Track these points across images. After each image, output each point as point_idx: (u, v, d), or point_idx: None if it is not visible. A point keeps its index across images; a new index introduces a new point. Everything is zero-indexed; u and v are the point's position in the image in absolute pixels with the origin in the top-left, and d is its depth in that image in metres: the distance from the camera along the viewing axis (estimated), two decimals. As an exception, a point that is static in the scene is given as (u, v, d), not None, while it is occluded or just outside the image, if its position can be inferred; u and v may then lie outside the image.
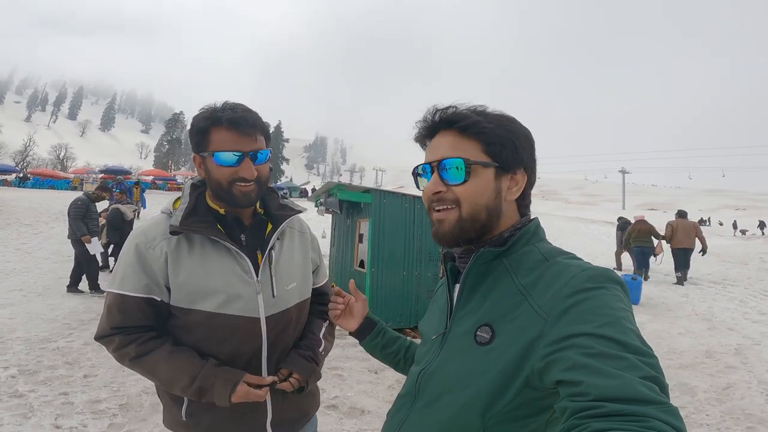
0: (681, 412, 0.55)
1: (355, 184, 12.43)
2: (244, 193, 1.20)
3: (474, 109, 0.86)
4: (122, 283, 1.19)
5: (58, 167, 68.28)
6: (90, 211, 7.35)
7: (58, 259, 9.61)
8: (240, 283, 1.21)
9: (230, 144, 1.17)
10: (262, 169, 1.23)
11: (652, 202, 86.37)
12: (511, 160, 0.83)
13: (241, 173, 1.18)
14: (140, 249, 1.19)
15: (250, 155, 1.18)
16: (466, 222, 0.83)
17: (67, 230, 7.33)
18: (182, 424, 1.26)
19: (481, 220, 0.83)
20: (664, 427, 0.51)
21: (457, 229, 0.83)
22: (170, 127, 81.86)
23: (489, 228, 0.84)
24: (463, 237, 0.84)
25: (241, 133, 1.17)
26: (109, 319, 1.20)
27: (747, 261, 12.73)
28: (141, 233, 1.22)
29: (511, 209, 0.87)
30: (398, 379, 4.12)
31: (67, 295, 6.82)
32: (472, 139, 0.83)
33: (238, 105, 1.21)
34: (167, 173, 53.65)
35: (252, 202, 1.23)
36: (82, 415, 3.18)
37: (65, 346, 4.59)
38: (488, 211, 0.83)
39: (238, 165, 1.18)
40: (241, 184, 1.19)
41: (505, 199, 0.84)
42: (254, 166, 1.19)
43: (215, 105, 1.21)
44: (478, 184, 0.82)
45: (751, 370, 4.63)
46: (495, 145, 0.82)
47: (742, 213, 66.51)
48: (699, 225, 10.64)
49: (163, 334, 1.22)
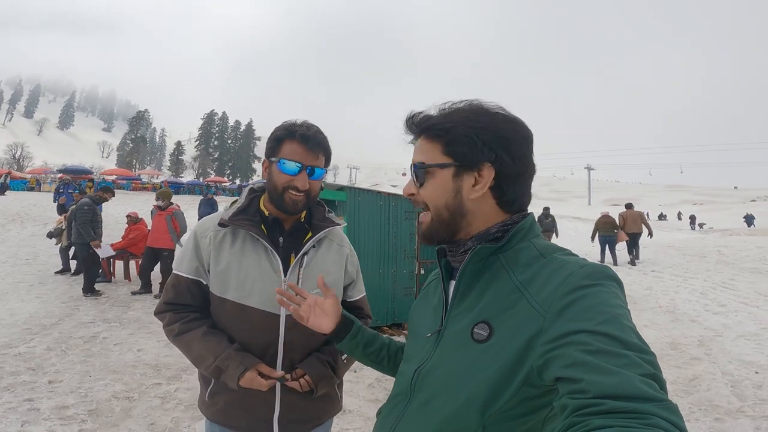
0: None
1: (329, 181, 12.33)
2: (294, 201, 1.33)
3: (446, 108, 0.85)
4: (179, 265, 1.39)
5: (14, 167, 65.12)
6: (96, 214, 7.43)
7: (15, 262, 9.17)
8: (268, 280, 1.33)
9: (296, 155, 1.31)
10: (314, 184, 1.36)
11: (616, 197, 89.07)
12: (470, 157, 0.81)
13: (295, 182, 1.31)
14: (196, 236, 1.39)
15: (308, 169, 1.32)
16: (435, 222, 0.85)
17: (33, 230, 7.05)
18: (205, 404, 1.41)
19: (445, 219, 0.84)
20: (664, 424, 0.51)
21: (431, 230, 0.86)
22: (134, 125, 79.29)
23: (456, 227, 0.84)
24: (436, 237, 0.87)
25: (308, 148, 1.32)
26: (165, 295, 1.39)
27: (705, 254, 13.31)
28: (200, 224, 1.42)
29: (485, 206, 0.84)
30: (378, 377, 4.11)
31: (26, 299, 6.51)
32: (435, 141, 0.84)
33: (313, 125, 1.37)
34: (131, 172, 52.04)
35: (298, 210, 1.36)
36: (50, 422, 3.06)
37: (27, 351, 4.38)
38: (449, 211, 0.83)
39: (296, 175, 1.31)
40: (293, 193, 1.32)
41: (468, 197, 0.82)
42: (309, 180, 1.33)
43: (296, 121, 1.37)
44: (436, 186, 0.84)
45: (714, 362, 4.82)
46: (453, 145, 0.82)
47: (700, 207, 69.57)
48: (643, 214, 13.07)
49: (206, 317, 1.38)
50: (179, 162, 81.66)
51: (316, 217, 1.46)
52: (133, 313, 6.16)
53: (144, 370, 4.09)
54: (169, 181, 40.99)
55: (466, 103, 0.86)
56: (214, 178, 57.59)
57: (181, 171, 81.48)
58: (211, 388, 1.37)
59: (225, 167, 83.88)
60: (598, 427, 0.52)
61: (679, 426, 0.52)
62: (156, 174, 61.82)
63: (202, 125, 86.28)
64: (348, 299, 1.54)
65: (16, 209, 17.07)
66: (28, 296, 6.69)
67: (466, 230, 0.85)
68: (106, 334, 5.13)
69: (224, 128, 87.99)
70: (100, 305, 6.46)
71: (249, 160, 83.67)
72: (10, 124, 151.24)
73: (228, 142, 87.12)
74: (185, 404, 3.45)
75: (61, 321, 5.53)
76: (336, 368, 1.40)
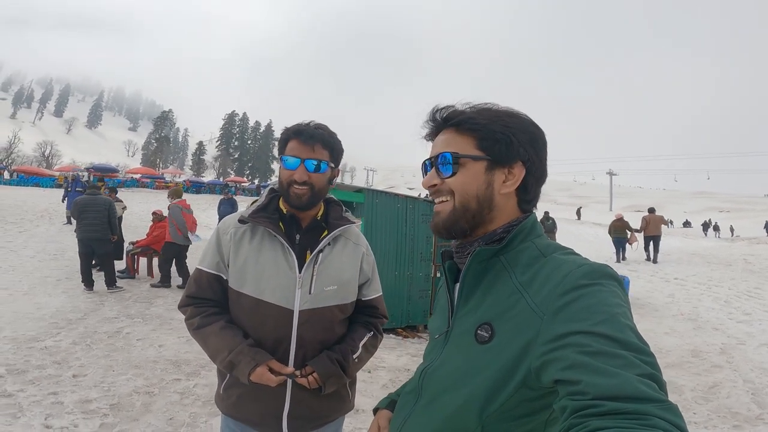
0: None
1: (347, 183, 12.42)
2: (298, 195, 1.38)
3: (475, 106, 0.88)
4: (202, 260, 1.45)
5: (43, 164, 67.16)
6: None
7: (43, 257, 9.46)
8: (282, 276, 1.37)
9: (294, 150, 1.38)
10: (317, 177, 1.39)
11: (638, 204, 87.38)
12: (505, 154, 0.83)
13: (294, 176, 1.37)
14: (219, 233, 1.44)
15: (306, 162, 1.36)
16: (458, 212, 0.85)
17: (53, 228, 7.27)
18: (220, 397, 1.45)
19: (472, 209, 0.85)
20: (664, 424, 0.51)
21: (451, 220, 0.86)
22: (158, 125, 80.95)
23: (481, 219, 0.85)
24: (456, 227, 0.86)
25: (302, 140, 1.37)
26: (188, 289, 1.45)
27: (731, 262, 12.95)
28: (223, 221, 1.48)
29: (509, 203, 0.86)
30: (392, 378, 4.14)
31: (53, 293, 6.72)
32: (467, 135, 0.85)
33: (315, 123, 1.43)
34: (155, 171, 53.12)
35: (303, 204, 1.39)
36: (73, 415, 3.15)
37: (53, 345, 4.53)
38: (478, 201, 0.84)
39: (294, 169, 1.37)
40: (296, 186, 1.37)
41: (499, 191, 0.84)
42: (309, 173, 1.37)
43: (302, 122, 1.42)
44: (468, 176, 0.85)
45: (736, 370, 4.72)
46: (488, 140, 0.84)
47: (726, 215, 67.64)
48: (664, 217, 14.13)
49: (225, 311, 1.43)
50: (201, 162, 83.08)
51: (333, 215, 1.50)
52: (155, 309, 6.31)
53: (164, 366, 4.19)
54: (191, 181, 41.74)
55: (491, 104, 0.88)
56: (234, 177, 58.45)
57: (203, 170, 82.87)
58: (226, 382, 1.41)
59: (245, 167, 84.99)
60: (598, 428, 0.52)
61: (679, 426, 0.52)
62: (178, 173, 63.03)
63: (223, 126, 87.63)
64: (363, 298, 1.55)
65: (44, 205, 17.61)
66: (54, 291, 6.89)
67: (487, 226, 0.86)
68: (129, 329, 5.27)
69: (244, 129, 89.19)
70: (123, 301, 6.64)
71: (268, 161, 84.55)
72: (40, 122, 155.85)
73: (248, 143, 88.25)
74: (203, 400, 3.52)
75: (87, 316, 5.70)
76: (346, 367, 1.41)
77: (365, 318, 1.55)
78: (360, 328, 1.52)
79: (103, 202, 7.47)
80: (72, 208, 7.39)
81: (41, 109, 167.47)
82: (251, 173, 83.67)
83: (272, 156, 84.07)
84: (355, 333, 1.50)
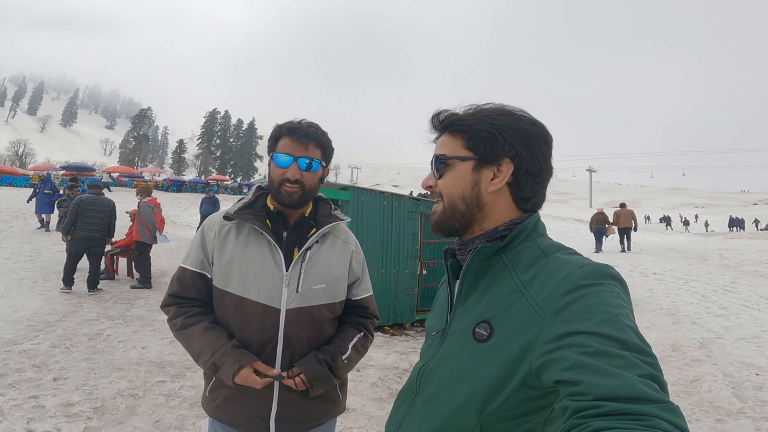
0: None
1: (331, 181, 12.37)
2: (289, 193, 1.35)
3: (472, 107, 0.88)
4: (186, 258, 1.41)
5: (16, 164, 65.23)
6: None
7: (18, 259, 9.19)
8: (269, 274, 1.34)
9: (286, 148, 1.36)
10: (309, 176, 1.38)
11: (617, 200, 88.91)
12: (491, 152, 0.83)
13: (287, 174, 1.34)
14: (203, 230, 1.41)
15: (299, 160, 1.35)
16: (447, 212, 0.87)
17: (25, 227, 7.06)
18: (206, 399, 1.43)
19: (460, 210, 0.86)
20: (665, 425, 0.51)
21: (441, 219, 0.88)
22: (137, 123, 79.41)
23: (472, 219, 0.86)
24: (446, 226, 0.88)
25: (295, 139, 1.35)
26: (171, 287, 1.41)
27: (707, 257, 13.29)
28: (209, 218, 1.45)
29: (500, 201, 0.85)
30: (381, 377, 4.13)
31: (29, 296, 6.53)
32: (457, 136, 0.87)
33: (307, 122, 1.41)
34: (133, 170, 52.04)
35: (294, 203, 1.37)
36: (56, 419, 3.07)
37: (31, 348, 4.40)
38: (465, 201, 0.85)
39: (287, 167, 1.35)
40: (288, 185, 1.35)
41: (486, 190, 0.84)
42: (301, 171, 1.35)
43: (294, 119, 1.41)
44: (455, 177, 0.86)
45: (716, 363, 4.83)
46: (474, 139, 0.84)
47: (701, 210, 69.49)
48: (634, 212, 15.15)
49: (209, 311, 1.39)
50: (181, 160, 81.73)
51: (322, 213, 1.48)
52: (136, 310, 6.19)
53: (148, 368, 4.11)
54: (171, 179, 41.00)
55: (491, 105, 0.89)
56: (216, 176, 57.66)
57: (183, 169, 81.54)
58: (212, 384, 1.38)
59: (227, 165, 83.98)
60: (599, 429, 0.52)
61: (680, 427, 0.52)
62: (158, 172, 61.81)
63: (205, 124, 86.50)
64: (353, 298, 1.51)
65: (18, 206, 17.10)
66: (31, 293, 6.70)
67: (482, 224, 0.86)
68: (110, 331, 5.15)
69: (226, 127, 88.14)
70: (103, 302, 6.49)
71: (251, 159, 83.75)
72: (13, 121, 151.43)
73: (230, 141, 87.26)
74: (190, 402, 3.47)
75: (65, 318, 5.55)
76: (334, 368, 1.37)
77: (355, 318, 1.52)
78: (350, 329, 1.48)
79: (107, 203, 7.34)
80: (72, 206, 7.16)
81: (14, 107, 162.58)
82: (234, 171, 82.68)
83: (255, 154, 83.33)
84: (344, 333, 1.46)
